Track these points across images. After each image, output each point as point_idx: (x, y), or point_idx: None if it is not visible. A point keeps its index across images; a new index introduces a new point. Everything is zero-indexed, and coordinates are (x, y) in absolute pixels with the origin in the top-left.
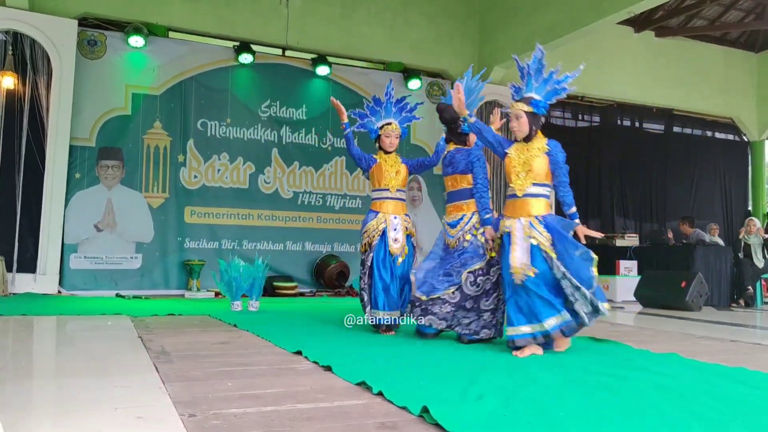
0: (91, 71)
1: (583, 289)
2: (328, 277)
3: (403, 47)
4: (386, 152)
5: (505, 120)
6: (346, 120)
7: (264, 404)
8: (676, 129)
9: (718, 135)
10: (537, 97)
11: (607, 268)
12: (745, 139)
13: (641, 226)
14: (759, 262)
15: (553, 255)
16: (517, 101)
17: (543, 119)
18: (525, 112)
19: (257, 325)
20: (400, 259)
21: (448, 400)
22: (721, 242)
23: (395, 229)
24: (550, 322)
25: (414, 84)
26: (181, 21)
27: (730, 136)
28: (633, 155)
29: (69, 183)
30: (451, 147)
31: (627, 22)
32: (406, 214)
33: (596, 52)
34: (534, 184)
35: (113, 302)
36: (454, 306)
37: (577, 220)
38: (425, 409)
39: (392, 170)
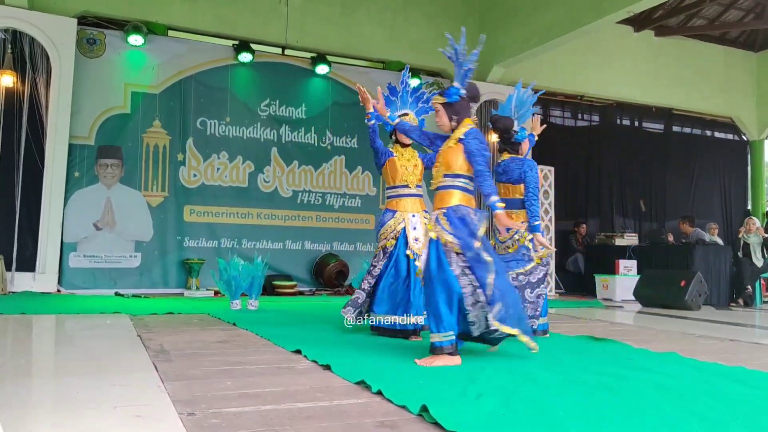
0: (90, 70)
1: (479, 290)
2: (328, 276)
3: (402, 46)
4: (403, 145)
5: (545, 126)
6: (372, 110)
7: (263, 403)
8: (675, 128)
9: (717, 134)
10: (455, 84)
11: (607, 267)
12: (745, 139)
13: (641, 226)
14: (758, 262)
15: (456, 250)
16: (435, 95)
17: (466, 105)
18: (440, 104)
19: (256, 324)
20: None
21: (447, 399)
22: (720, 241)
23: (415, 228)
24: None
25: (413, 83)
26: (181, 20)
27: (730, 136)
28: (632, 155)
29: (68, 182)
30: (506, 156)
31: (627, 21)
32: (425, 211)
33: (596, 52)
34: (445, 176)
35: (112, 301)
36: None
37: (499, 212)
38: (424, 408)
39: (409, 164)
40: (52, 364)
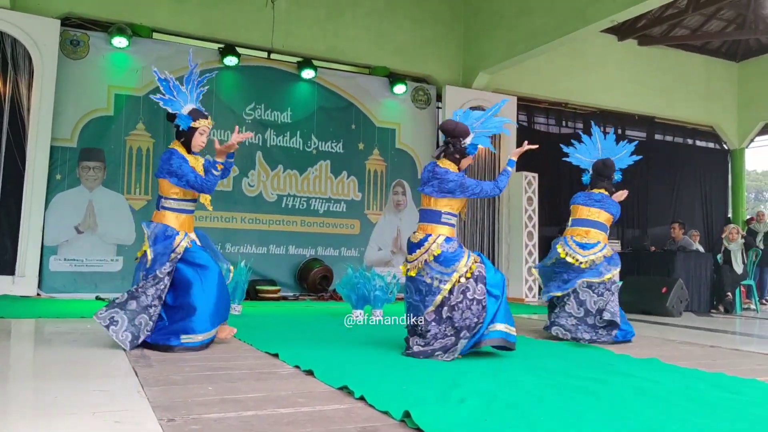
0: (73, 71)
1: None
2: (312, 281)
3: (388, 51)
4: None
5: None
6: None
7: (244, 409)
8: (657, 136)
9: (698, 143)
10: None
11: None
12: (726, 147)
13: (623, 232)
14: (738, 269)
15: None
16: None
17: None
18: None
19: (239, 328)
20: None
21: (429, 404)
22: (701, 249)
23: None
24: None
25: (399, 89)
26: (166, 22)
27: (711, 144)
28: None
29: (49, 184)
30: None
31: (610, 30)
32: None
33: (580, 60)
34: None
35: (93, 305)
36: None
37: None
38: (407, 414)
39: None
40: (31, 368)
